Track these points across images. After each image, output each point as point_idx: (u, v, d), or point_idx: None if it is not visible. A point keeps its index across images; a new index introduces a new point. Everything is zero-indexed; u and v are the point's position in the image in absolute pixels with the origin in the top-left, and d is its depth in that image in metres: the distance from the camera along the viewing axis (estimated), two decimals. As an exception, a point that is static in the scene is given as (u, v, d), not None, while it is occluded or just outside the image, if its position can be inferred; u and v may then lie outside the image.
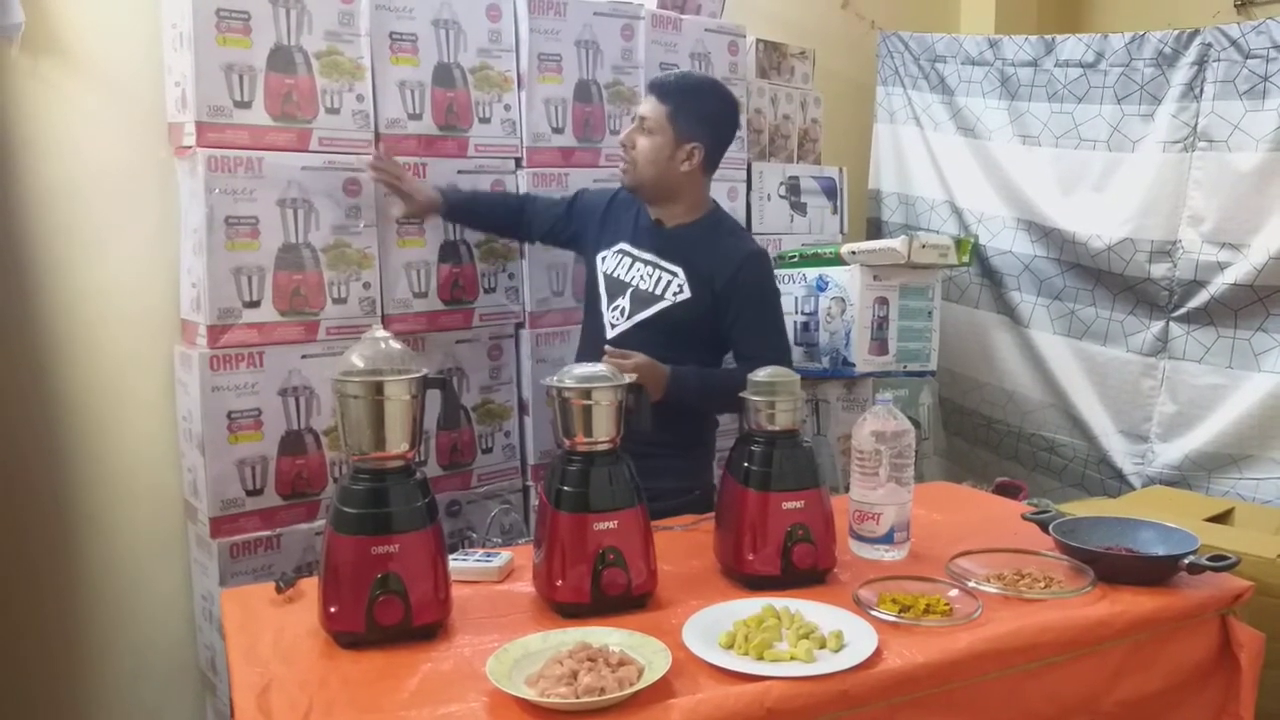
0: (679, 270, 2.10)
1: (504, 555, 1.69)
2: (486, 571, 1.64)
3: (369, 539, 1.37)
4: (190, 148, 2.02)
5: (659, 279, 2.11)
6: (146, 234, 2.21)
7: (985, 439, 3.35)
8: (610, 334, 2.13)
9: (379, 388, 1.40)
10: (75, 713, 2.26)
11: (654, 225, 2.15)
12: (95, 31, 2.14)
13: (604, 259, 2.19)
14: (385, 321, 2.25)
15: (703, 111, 2.10)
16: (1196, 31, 2.72)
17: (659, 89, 2.09)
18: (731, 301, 2.09)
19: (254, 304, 2.07)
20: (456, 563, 1.65)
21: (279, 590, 1.60)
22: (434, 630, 1.42)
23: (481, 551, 1.72)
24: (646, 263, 2.13)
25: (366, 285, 2.22)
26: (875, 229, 3.49)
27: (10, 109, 2.08)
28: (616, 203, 2.24)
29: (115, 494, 2.23)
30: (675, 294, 2.10)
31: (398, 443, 1.42)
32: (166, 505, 2.27)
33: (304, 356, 2.13)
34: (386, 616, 1.37)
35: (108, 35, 2.15)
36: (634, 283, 2.13)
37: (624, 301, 2.14)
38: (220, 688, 2.14)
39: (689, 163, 2.09)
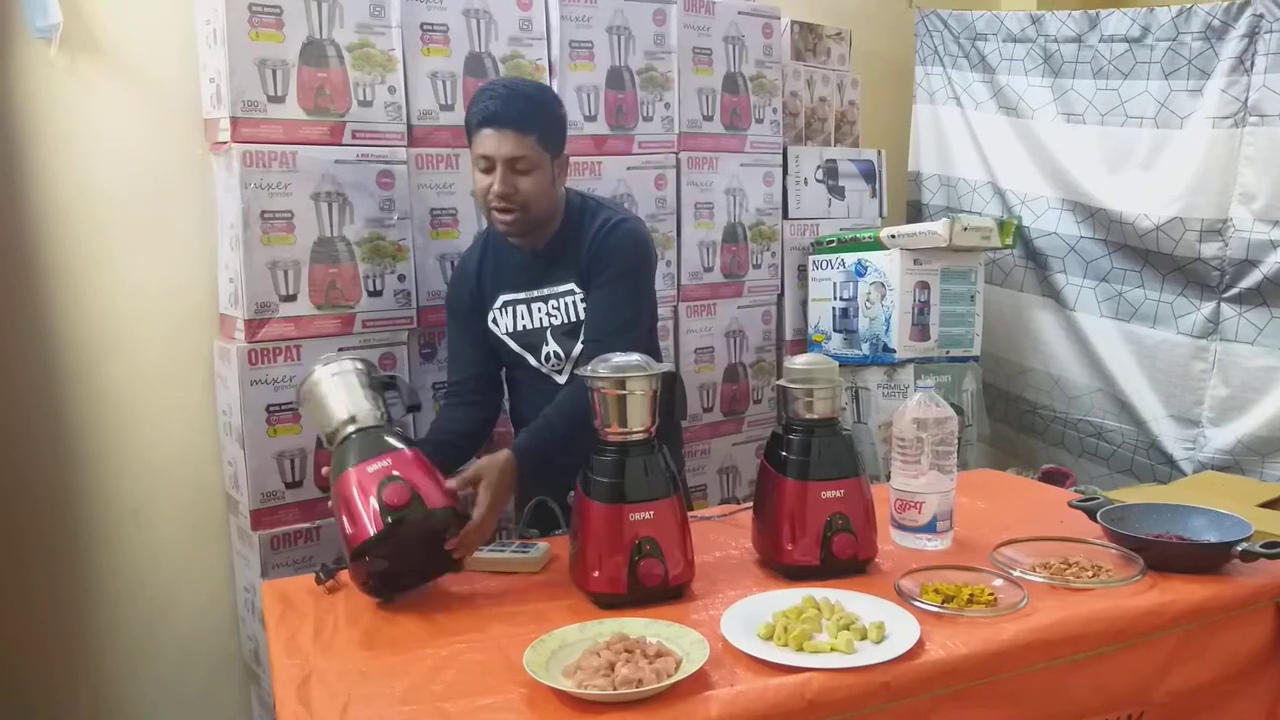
0: (572, 286, 1.95)
1: (541, 546, 1.69)
2: (524, 562, 1.65)
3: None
4: (225, 143, 2.04)
5: (564, 305, 1.96)
6: (184, 230, 2.23)
7: (1031, 425, 3.29)
8: (562, 380, 1.97)
9: None
10: (122, 705, 2.29)
11: (530, 256, 1.96)
12: (131, 30, 2.16)
13: (495, 320, 2.00)
14: (421, 313, 2.26)
15: (559, 120, 1.94)
16: (1247, 2, 2.64)
17: (515, 122, 1.81)
18: (591, 277, 1.92)
19: (290, 298, 2.08)
20: (493, 553, 1.66)
21: (319, 581, 1.61)
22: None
23: (519, 542, 1.72)
24: (544, 299, 1.97)
25: (401, 278, 2.22)
26: (915, 212, 3.44)
27: (49, 107, 2.11)
28: (483, 262, 2.02)
29: (158, 488, 2.26)
30: (586, 318, 1.94)
31: None
32: (208, 498, 2.30)
33: (340, 350, 2.14)
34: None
35: (143, 33, 2.17)
36: (545, 325, 1.97)
37: (552, 346, 1.97)
38: (264, 678, 2.17)
39: (563, 175, 1.95)
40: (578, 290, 1.95)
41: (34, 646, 2.21)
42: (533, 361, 2.00)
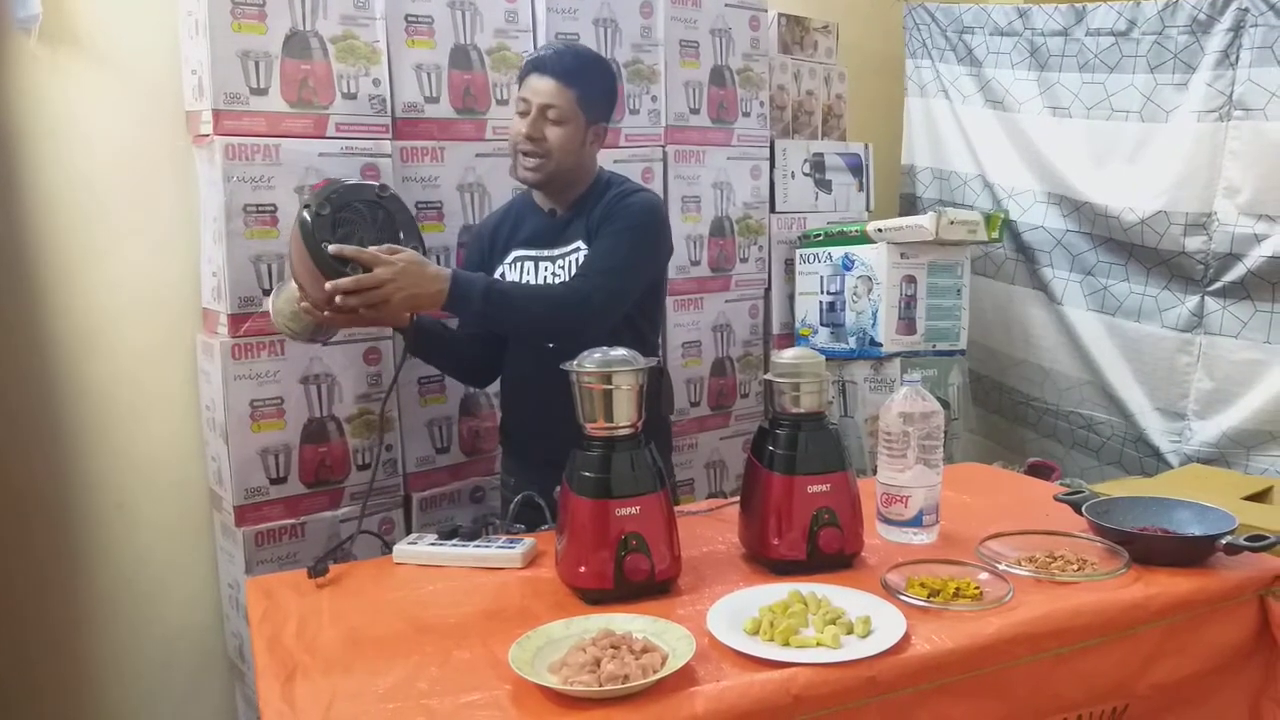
0: (579, 244, 1.98)
1: (527, 541, 1.68)
2: (509, 558, 1.63)
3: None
4: (208, 136, 2.02)
5: (568, 264, 1.98)
6: (167, 223, 2.21)
7: (1023, 417, 3.30)
8: (552, 343, 1.99)
9: None
10: (108, 702, 2.28)
11: (548, 217, 2.03)
12: (112, 21, 2.14)
13: (503, 275, 2.03)
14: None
15: (606, 90, 2.02)
16: (1233, -4, 2.65)
17: (560, 73, 1.90)
18: (597, 230, 1.95)
19: (274, 292, 2.06)
20: (479, 549, 1.65)
21: (311, 576, 1.59)
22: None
23: (505, 538, 1.71)
24: (552, 259, 2.00)
25: (387, 271, 2.20)
26: (909, 205, 3.44)
27: (29, 100, 2.08)
28: (502, 222, 2.09)
29: (142, 484, 2.25)
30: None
31: None
32: (192, 494, 2.28)
33: (325, 344, 2.13)
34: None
35: (125, 25, 2.15)
36: (550, 282, 1.99)
37: None
38: (248, 675, 2.16)
39: (597, 144, 2.00)
40: (584, 247, 1.97)
41: (18, 643, 2.19)
42: None
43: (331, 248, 1.69)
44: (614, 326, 1.91)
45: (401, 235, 1.80)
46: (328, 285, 1.68)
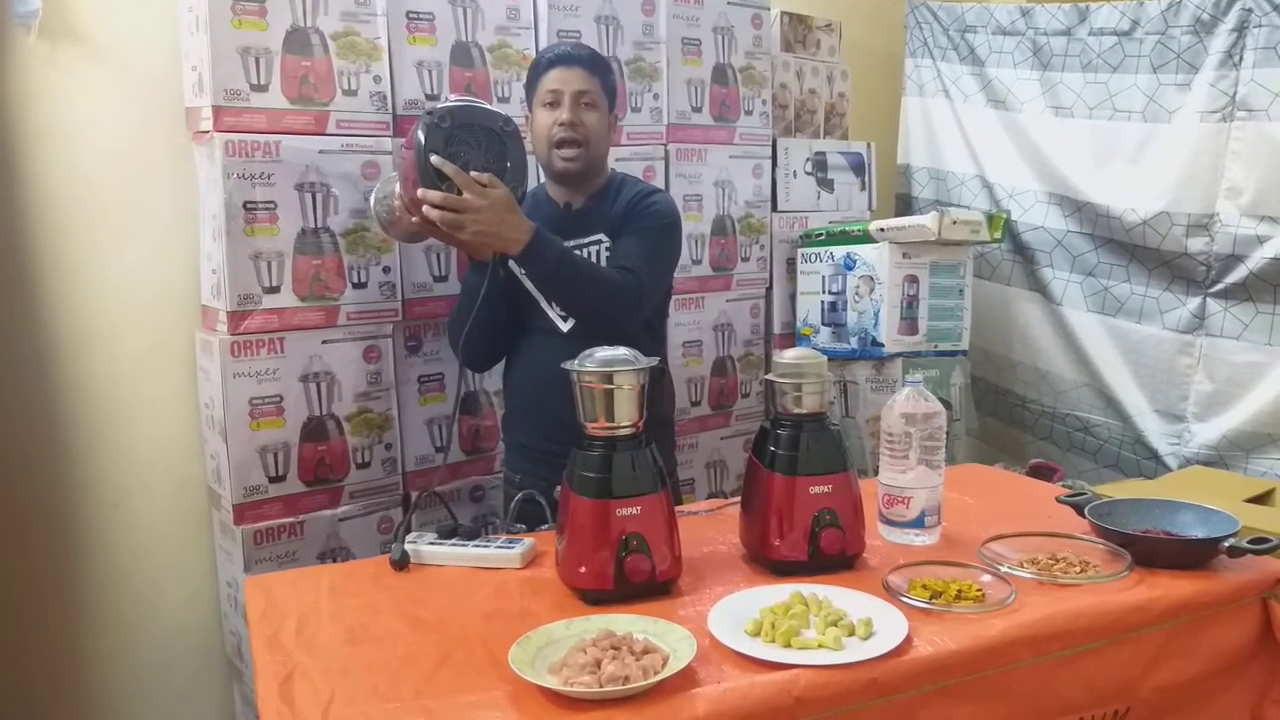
0: (601, 235, 2.03)
1: (527, 541, 1.67)
2: (509, 558, 1.63)
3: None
4: (208, 132, 2.01)
5: (591, 255, 2.02)
6: (166, 220, 2.20)
7: (1019, 419, 3.30)
8: (565, 327, 2.02)
9: None
10: (104, 701, 2.28)
11: (563, 210, 2.06)
12: (112, 17, 2.13)
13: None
14: (406, 305, 2.24)
15: (614, 78, 2.11)
16: (1236, -4, 2.64)
17: (585, 62, 2.00)
18: (623, 228, 2.01)
19: (274, 290, 2.06)
20: (478, 549, 1.64)
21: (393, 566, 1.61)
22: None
23: (504, 538, 1.71)
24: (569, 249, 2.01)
25: (386, 269, 2.20)
26: (905, 205, 3.44)
27: (29, 96, 2.08)
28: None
29: (140, 482, 2.24)
30: (609, 260, 2.01)
31: None
32: (191, 492, 2.28)
33: (324, 342, 2.13)
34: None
35: (125, 20, 2.14)
36: None
37: None
38: (247, 674, 2.15)
39: (614, 131, 2.10)
40: (605, 239, 2.02)
41: (14, 643, 2.19)
42: (543, 304, 2.03)
43: (434, 159, 1.75)
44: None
45: (509, 164, 1.83)
46: (418, 191, 1.77)
